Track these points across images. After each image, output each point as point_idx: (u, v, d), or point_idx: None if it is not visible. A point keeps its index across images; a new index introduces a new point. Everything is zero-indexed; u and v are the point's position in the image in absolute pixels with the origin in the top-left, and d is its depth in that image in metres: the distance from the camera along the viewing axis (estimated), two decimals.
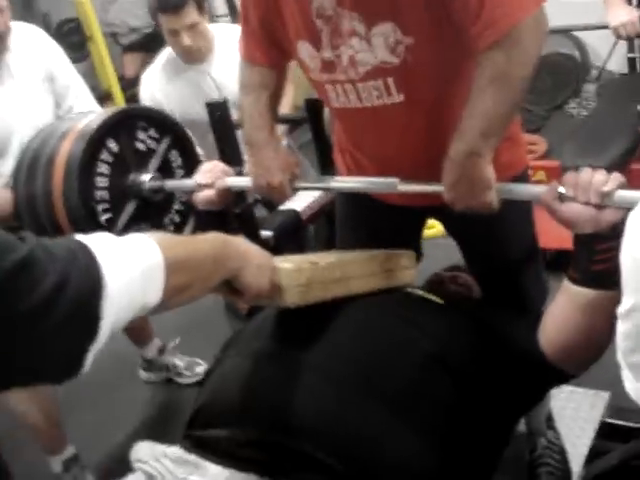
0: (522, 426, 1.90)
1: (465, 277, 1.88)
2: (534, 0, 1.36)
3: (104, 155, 1.81)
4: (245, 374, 1.38)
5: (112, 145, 1.83)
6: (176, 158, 2.00)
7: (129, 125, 1.89)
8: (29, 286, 0.78)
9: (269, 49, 1.67)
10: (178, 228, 2.02)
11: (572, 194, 1.28)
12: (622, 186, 1.25)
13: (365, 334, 1.41)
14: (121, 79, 5.97)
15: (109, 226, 1.82)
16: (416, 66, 1.48)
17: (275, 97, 1.74)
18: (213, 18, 6.38)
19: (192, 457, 1.29)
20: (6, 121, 2.32)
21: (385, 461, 1.24)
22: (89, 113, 2.07)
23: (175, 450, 1.31)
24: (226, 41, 2.93)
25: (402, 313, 1.46)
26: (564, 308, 1.37)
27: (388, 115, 1.56)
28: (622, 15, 2.98)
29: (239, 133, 2.13)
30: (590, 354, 1.39)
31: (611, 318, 1.29)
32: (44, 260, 0.81)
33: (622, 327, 0.95)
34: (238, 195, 1.85)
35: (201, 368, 3.10)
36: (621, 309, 0.94)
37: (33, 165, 1.82)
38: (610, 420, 2.13)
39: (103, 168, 1.81)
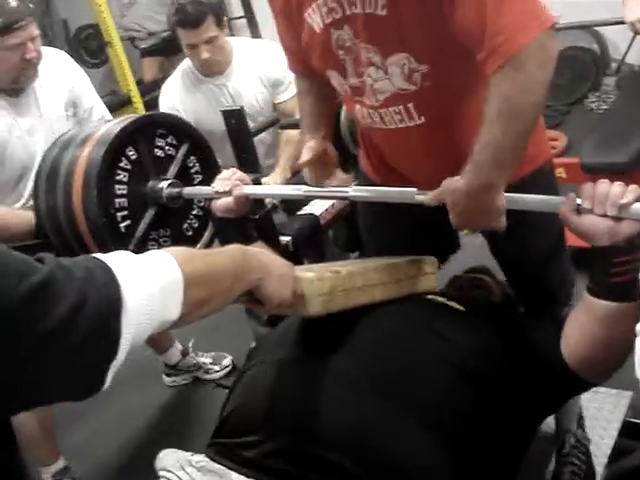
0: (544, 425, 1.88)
1: (486, 280, 1.87)
2: (537, 23, 1.30)
3: (123, 163, 1.82)
4: (270, 383, 1.38)
5: (131, 152, 1.83)
6: (194, 164, 2.00)
7: (147, 132, 1.89)
8: (47, 308, 0.78)
9: (305, 61, 1.69)
10: (197, 233, 2.03)
11: (589, 206, 1.26)
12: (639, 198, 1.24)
13: (389, 343, 1.40)
14: (139, 83, 6.01)
15: (129, 233, 1.83)
16: (434, 91, 1.50)
17: (324, 101, 1.77)
18: (229, 21, 6.41)
19: (217, 466, 1.29)
20: (30, 149, 2.36)
21: (409, 472, 1.23)
22: (107, 121, 2.09)
23: (200, 459, 1.32)
24: (244, 55, 2.94)
25: (425, 322, 1.46)
26: (583, 319, 1.36)
27: (411, 135, 1.60)
28: (638, 10, 2.96)
29: (255, 140, 2.15)
30: (610, 364, 1.38)
31: (631, 328, 1.28)
32: (62, 281, 0.82)
33: None
34: (256, 201, 1.86)
35: (228, 360, 3.14)
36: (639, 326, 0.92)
37: (52, 174, 1.83)
38: (633, 420, 2.12)
39: (122, 176, 1.82)
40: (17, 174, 2.35)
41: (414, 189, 1.48)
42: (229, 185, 1.67)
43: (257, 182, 1.86)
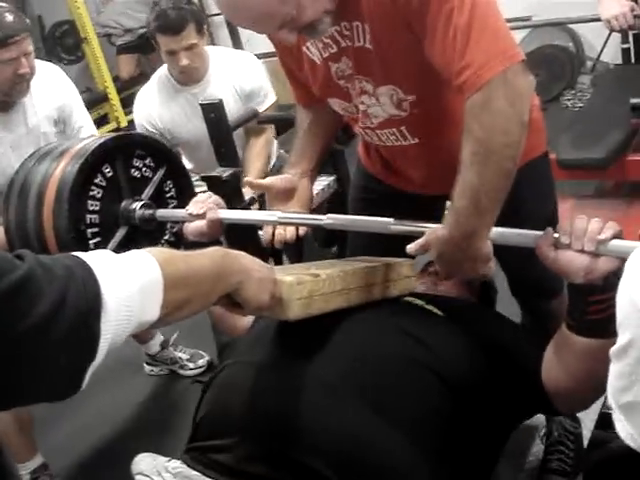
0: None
1: None
2: (501, 59, 1.26)
3: (98, 179, 1.79)
4: (246, 384, 1.37)
5: (107, 170, 1.81)
6: (170, 189, 1.98)
7: (126, 151, 1.87)
8: (27, 306, 0.77)
9: (302, 90, 1.72)
10: None
11: (567, 241, 1.23)
12: (618, 235, 1.21)
13: (366, 348, 1.40)
14: (115, 80, 5.98)
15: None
16: (423, 116, 1.52)
17: (316, 135, 1.78)
18: (208, 18, 6.38)
19: (193, 473, 1.28)
20: (13, 164, 2.32)
21: (386, 476, 1.23)
22: (88, 137, 2.08)
23: (177, 465, 1.31)
24: (221, 65, 2.92)
25: (402, 326, 1.44)
26: (562, 352, 1.35)
27: (407, 151, 1.63)
28: (614, 7, 2.98)
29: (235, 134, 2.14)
30: (587, 396, 1.38)
31: (607, 364, 1.28)
32: (42, 279, 0.80)
33: (616, 366, 0.90)
34: (234, 195, 1.85)
35: (204, 360, 3.13)
36: (615, 348, 0.89)
37: (25, 186, 1.78)
38: (610, 411, 2.13)
39: (96, 192, 1.79)
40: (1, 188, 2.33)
41: (390, 220, 1.47)
42: (203, 208, 1.65)
43: (236, 176, 1.86)
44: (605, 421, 2.13)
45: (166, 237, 2.00)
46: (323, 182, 2.69)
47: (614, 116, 3.19)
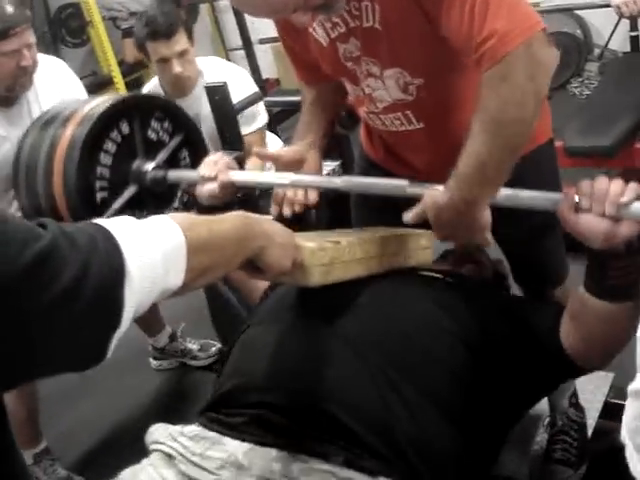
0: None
1: (478, 256, 1.84)
2: (525, 28, 1.23)
3: (114, 134, 1.79)
4: (270, 344, 1.37)
5: (124, 126, 1.81)
6: (185, 157, 1.98)
7: (145, 111, 1.86)
8: (50, 277, 0.77)
9: (314, 71, 1.70)
10: None
11: (587, 204, 1.19)
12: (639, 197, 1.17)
13: (388, 310, 1.40)
14: (121, 64, 5.95)
15: (103, 206, 1.78)
16: (430, 100, 1.51)
17: (323, 110, 1.77)
18: (227, 52, 6.38)
19: (210, 434, 1.28)
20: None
21: (407, 434, 1.24)
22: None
23: (193, 428, 1.31)
24: (211, 77, 2.82)
25: (423, 292, 1.45)
26: (581, 314, 1.33)
27: (412, 136, 1.61)
28: None
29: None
30: (608, 354, 1.37)
31: (628, 324, 1.23)
32: (65, 249, 0.79)
33: (633, 406, 0.88)
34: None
35: (215, 349, 3.10)
36: (632, 386, 0.88)
37: (46, 126, 1.81)
38: (614, 400, 2.13)
39: (110, 145, 1.78)
40: (3, 183, 2.31)
41: (405, 182, 1.46)
42: (215, 170, 1.64)
43: (240, 160, 1.84)
44: (609, 411, 2.13)
45: (175, 205, 1.99)
46: (328, 167, 2.67)
47: (622, 104, 3.16)
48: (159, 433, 1.32)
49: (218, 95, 2.07)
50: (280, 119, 3.27)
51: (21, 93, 2.32)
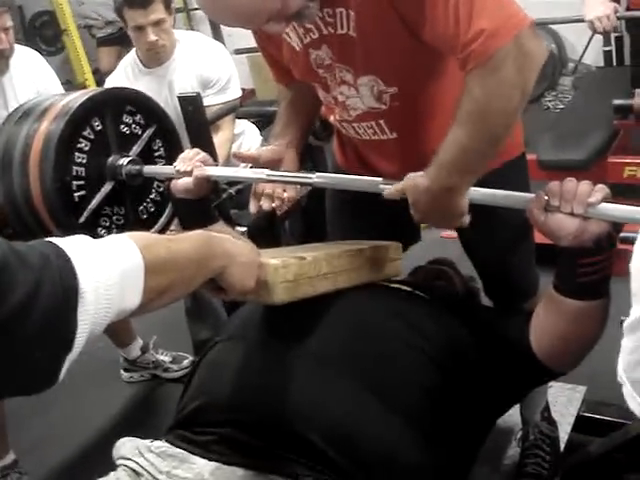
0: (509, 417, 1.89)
1: (449, 272, 1.86)
2: (513, 23, 1.23)
3: (87, 132, 1.78)
4: (238, 361, 1.36)
5: (96, 123, 1.80)
6: (159, 147, 1.97)
7: (116, 106, 1.86)
8: None
9: (281, 72, 1.71)
10: (152, 218, 1.98)
11: (556, 204, 1.23)
12: (607, 198, 1.21)
13: (357, 327, 1.40)
14: (95, 73, 5.92)
15: (82, 205, 1.78)
16: (403, 109, 1.51)
17: (299, 111, 1.76)
18: None
19: (177, 450, 1.27)
20: None
21: (374, 450, 1.23)
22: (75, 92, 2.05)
23: (160, 444, 1.29)
24: (186, 50, 2.90)
25: (392, 308, 1.45)
26: (551, 315, 1.36)
27: (384, 146, 1.61)
28: (598, 9, 2.98)
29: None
30: (578, 355, 1.39)
31: (598, 323, 1.29)
32: (15, 267, 0.76)
33: (629, 340, 0.88)
34: (213, 191, 1.83)
35: (187, 361, 3.08)
36: (628, 321, 0.87)
37: (10, 139, 1.79)
38: (587, 414, 2.13)
39: (83, 144, 1.78)
40: None
41: (379, 179, 1.46)
42: (191, 165, 1.64)
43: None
44: (582, 424, 2.14)
45: (152, 196, 1.99)
46: None
47: (595, 118, 3.20)
48: (126, 448, 1.29)
49: (191, 105, 2.05)
50: (259, 129, 3.27)
51: None
